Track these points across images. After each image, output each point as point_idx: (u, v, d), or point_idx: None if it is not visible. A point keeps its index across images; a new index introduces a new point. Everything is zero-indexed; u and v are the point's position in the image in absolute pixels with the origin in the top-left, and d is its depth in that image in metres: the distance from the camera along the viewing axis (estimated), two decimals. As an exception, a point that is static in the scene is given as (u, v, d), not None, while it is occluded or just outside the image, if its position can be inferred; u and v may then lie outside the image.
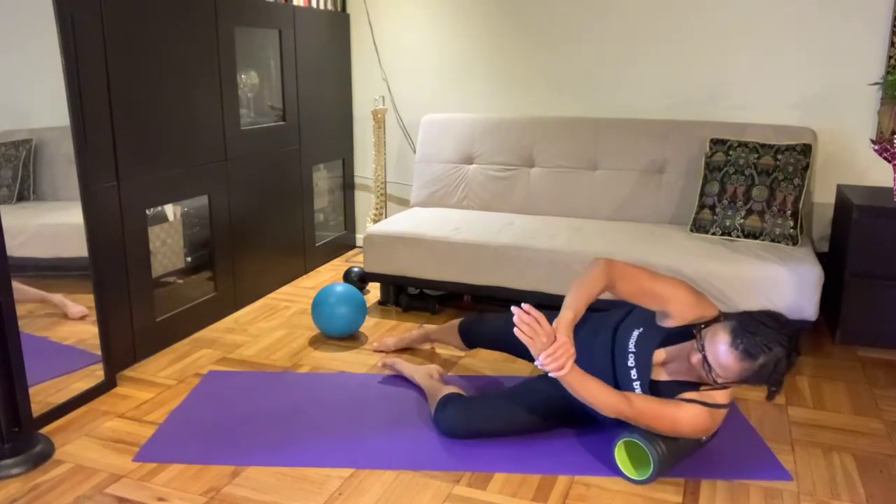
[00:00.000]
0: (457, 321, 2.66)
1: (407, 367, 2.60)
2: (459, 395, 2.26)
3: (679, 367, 1.96)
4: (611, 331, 2.12)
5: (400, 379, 2.62)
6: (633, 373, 2.01)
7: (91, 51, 2.41)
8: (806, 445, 2.21)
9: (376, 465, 2.07)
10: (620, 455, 2.05)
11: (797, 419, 2.37)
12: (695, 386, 1.94)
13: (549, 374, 1.89)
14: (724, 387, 1.90)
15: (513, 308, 1.88)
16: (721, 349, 1.79)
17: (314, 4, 3.87)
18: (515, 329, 1.87)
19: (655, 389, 1.99)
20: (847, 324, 2.91)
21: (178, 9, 2.79)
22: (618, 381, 2.05)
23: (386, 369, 2.68)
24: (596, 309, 2.25)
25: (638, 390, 2.00)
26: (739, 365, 1.78)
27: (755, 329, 1.78)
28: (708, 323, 1.90)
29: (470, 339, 2.61)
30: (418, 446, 2.17)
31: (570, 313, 1.93)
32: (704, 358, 1.82)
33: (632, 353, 2.02)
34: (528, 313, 1.86)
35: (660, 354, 2.00)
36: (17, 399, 2.12)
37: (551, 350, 1.86)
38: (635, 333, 2.04)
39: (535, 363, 1.89)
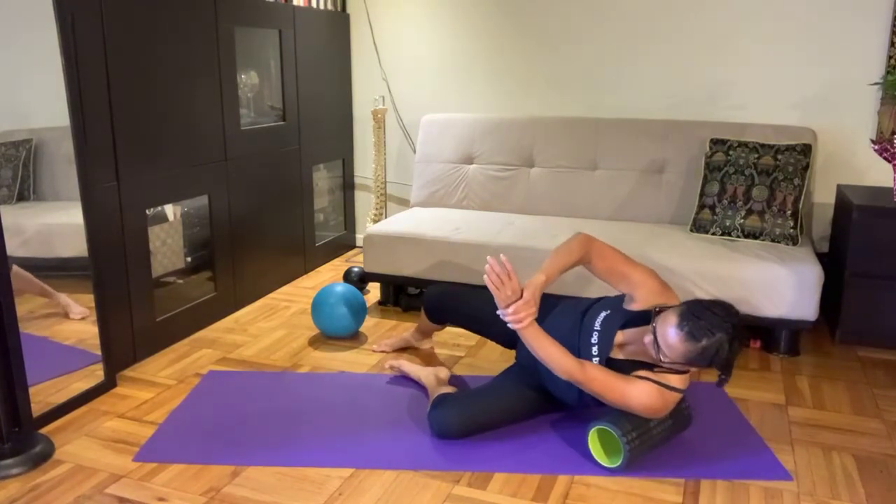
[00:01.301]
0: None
1: (413, 368, 2.60)
2: (451, 394, 2.27)
3: (636, 349, 2.06)
4: (580, 314, 2.21)
5: (400, 379, 2.62)
6: (594, 349, 2.10)
7: (91, 51, 2.41)
8: (806, 445, 2.21)
9: (376, 465, 2.07)
10: (594, 443, 2.10)
11: (797, 419, 2.37)
12: (650, 367, 2.03)
13: (509, 326, 2.03)
14: (674, 370, 1.99)
15: (489, 257, 2.01)
16: (669, 330, 1.89)
17: (314, 4, 3.87)
18: (485, 276, 2.01)
19: (612, 366, 2.07)
20: (847, 324, 2.91)
21: (178, 9, 2.79)
22: (580, 357, 2.12)
23: (392, 370, 2.68)
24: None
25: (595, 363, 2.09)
26: (684, 346, 1.88)
27: (701, 314, 1.89)
28: (665, 308, 1.98)
29: (438, 316, 2.66)
30: (418, 446, 2.17)
31: (542, 276, 2.07)
32: (655, 338, 1.92)
33: (596, 330, 2.12)
34: (502, 265, 2.00)
35: (620, 336, 2.09)
36: (17, 399, 2.12)
37: (514, 305, 2.00)
38: (602, 314, 2.14)
39: (498, 312, 2.04)
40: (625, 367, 2.06)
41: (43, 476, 2.01)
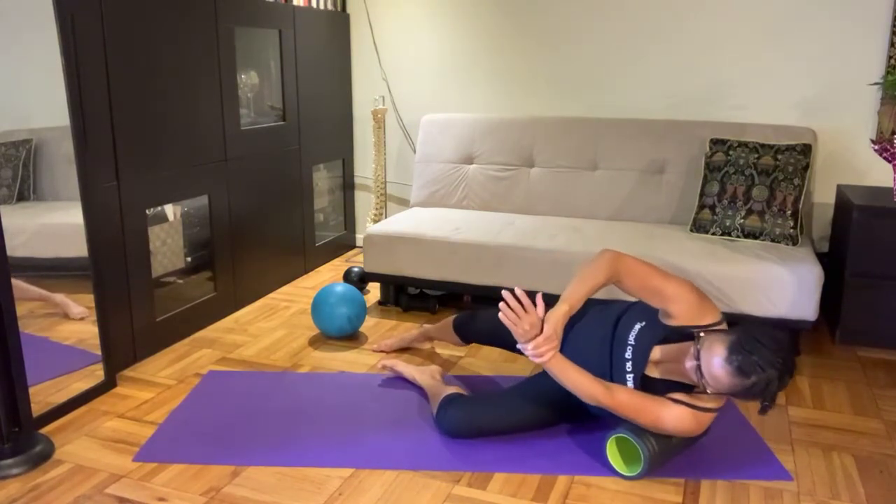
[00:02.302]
0: (451, 318, 2.67)
1: (407, 368, 2.59)
2: (461, 395, 2.26)
3: (673, 368, 1.97)
4: (612, 323, 2.12)
5: (400, 379, 2.62)
6: (629, 365, 2.01)
7: (91, 51, 2.41)
8: (806, 445, 2.21)
9: (376, 465, 2.07)
10: (612, 451, 2.07)
11: (797, 419, 2.37)
12: (686, 388, 1.96)
13: (531, 360, 1.97)
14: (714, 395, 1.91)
15: (504, 292, 1.93)
16: (715, 361, 1.80)
17: (314, 4, 3.87)
18: (500, 314, 1.92)
19: (647, 385, 2.00)
20: (847, 324, 2.91)
21: (178, 9, 2.79)
22: (612, 373, 2.05)
23: (386, 370, 2.68)
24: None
25: (629, 383, 2.01)
26: (731, 380, 1.79)
27: (752, 348, 1.78)
28: (709, 330, 1.90)
29: (464, 333, 2.63)
30: (418, 446, 2.17)
31: (565, 307, 1.97)
32: (698, 366, 1.83)
33: (630, 345, 2.03)
34: (517, 299, 1.92)
35: (656, 352, 2.00)
36: (17, 399, 2.12)
37: (534, 340, 1.92)
38: (637, 327, 2.05)
39: (518, 347, 1.97)
40: (659, 388, 1.98)
41: (43, 476, 2.01)
